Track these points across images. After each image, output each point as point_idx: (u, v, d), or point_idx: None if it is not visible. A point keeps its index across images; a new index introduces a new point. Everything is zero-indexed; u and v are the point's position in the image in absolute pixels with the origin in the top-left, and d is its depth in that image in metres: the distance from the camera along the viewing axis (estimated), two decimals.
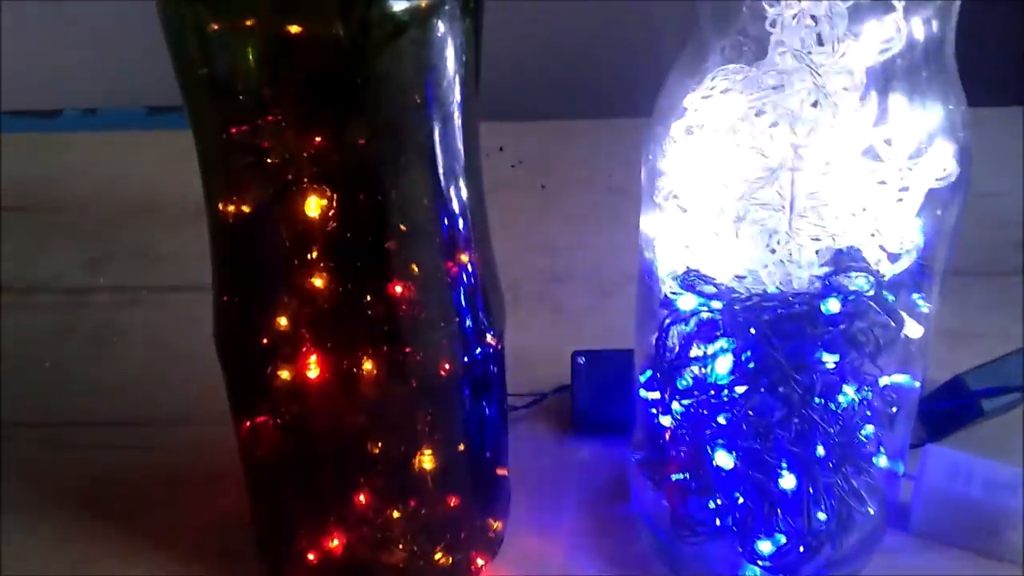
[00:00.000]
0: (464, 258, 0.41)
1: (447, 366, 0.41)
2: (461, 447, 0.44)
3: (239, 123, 0.37)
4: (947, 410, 0.53)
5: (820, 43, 0.36)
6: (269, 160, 0.37)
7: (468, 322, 0.42)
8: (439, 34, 0.35)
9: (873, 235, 0.38)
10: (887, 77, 0.37)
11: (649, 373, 0.45)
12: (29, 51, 0.87)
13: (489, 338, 0.43)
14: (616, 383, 0.55)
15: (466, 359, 0.42)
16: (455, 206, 0.40)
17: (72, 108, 0.90)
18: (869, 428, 0.42)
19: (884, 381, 0.44)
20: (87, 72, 0.88)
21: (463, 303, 0.41)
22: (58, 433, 0.58)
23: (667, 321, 0.43)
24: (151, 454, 0.56)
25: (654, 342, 0.44)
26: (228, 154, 0.38)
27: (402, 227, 0.38)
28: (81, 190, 0.80)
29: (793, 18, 0.36)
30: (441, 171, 0.39)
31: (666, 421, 0.45)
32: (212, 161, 0.39)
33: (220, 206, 0.39)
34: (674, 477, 0.46)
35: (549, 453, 0.55)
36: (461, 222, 0.40)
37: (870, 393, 0.43)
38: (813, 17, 0.36)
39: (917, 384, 0.44)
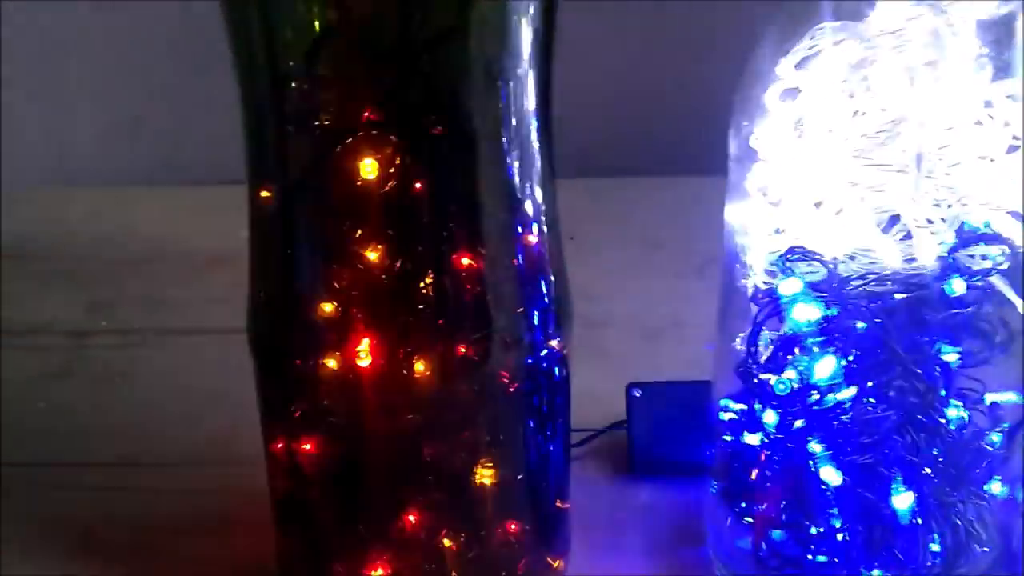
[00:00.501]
0: (533, 241, 0.36)
1: (511, 362, 0.36)
2: (521, 465, 0.38)
3: (292, 82, 0.33)
4: None
5: None
6: (321, 122, 0.33)
7: (535, 317, 0.37)
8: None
9: (1002, 205, 0.34)
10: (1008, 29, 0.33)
11: (735, 393, 0.40)
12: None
13: (556, 343, 0.39)
14: (678, 418, 0.50)
15: (531, 359, 0.37)
16: (526, 184, 0.36)
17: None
18: (996, 436, 0.37)
19: (991, 397, 0.39)
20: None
21: (531, 294, 0.37)
22: (60, 474, 0.52)
23: (759, 317, 0.38)
24: (157, 496, 0.50)
25: (742, 344, 0.39)
26: (278, 117, 0.34)
27: (469, 195, 0.34)
28: (84, 241, 0.76)
29: None
30: (512, 145, 0.35)
31: (753, 440, 0.40)
32: (260, 128, 0.35)
33: (263, 186, 0.35)
34: (761, 508, 0.41)
35: (607, 496, 0.50)
36: (531, 203, 0.36)
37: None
38: None
39: None
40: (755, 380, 0.38)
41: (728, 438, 0.42)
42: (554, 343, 0.39)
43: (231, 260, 0.39)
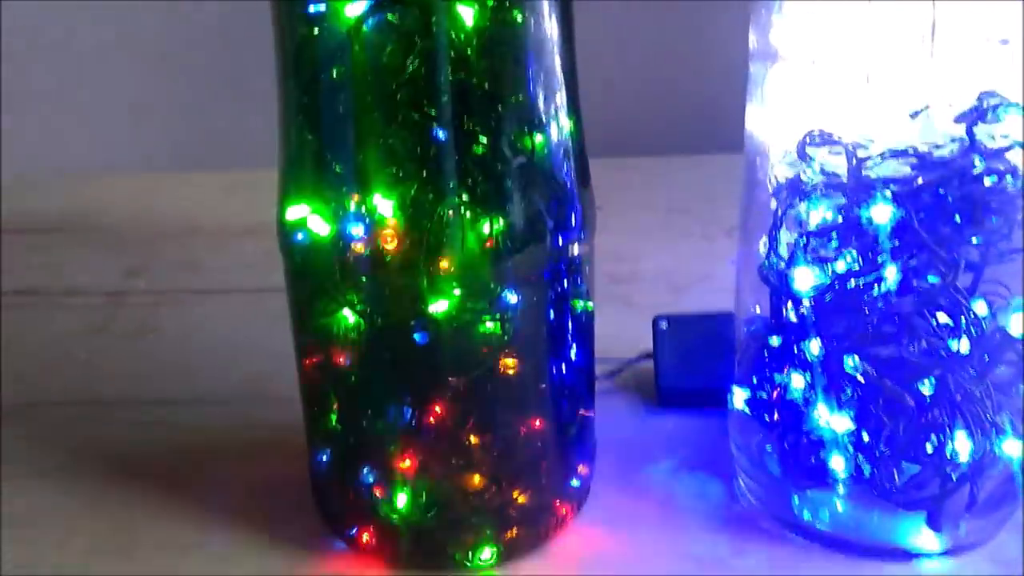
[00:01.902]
0: (561, 126, 0.37)
1: (536, 248, 0.37)
2: (546, 358, 0.39)
3: None
4: None
5: None
6: None
7: (560, 206, 0.38)
8: None
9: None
10: None
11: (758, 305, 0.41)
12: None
13: (580, 240, 0.39)
14: (703, 349, 0.51)
15: (552, 253, 0.37)
16: (552, 77, 0.36)
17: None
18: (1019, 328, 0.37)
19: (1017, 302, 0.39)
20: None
21: (556, 184, 0.37)
22: (96, 411, 0.53)
23: (780, 210, 0.38)
24: (193, 429, 0.51)
25: (764, 247, 0.40)
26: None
27: (494, 84, 0.35)
28: (121, 218, 0.78)
29: None
30: (535, 38, 0.36)
31: (776, 341, 0.41)
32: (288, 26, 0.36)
33: (292, 79, 0.36)
34: (787, 412, 0.41)
35: (633, 424, 0.50)
36: (557, 94, 0.37)
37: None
38: None
39: None
40: (776, 276, 0.38)
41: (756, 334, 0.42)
42: (577, 243, 0.39)
43: (263, 232, 0.41)
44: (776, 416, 0.41)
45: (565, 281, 0.39)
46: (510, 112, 0.36)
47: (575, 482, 0.42)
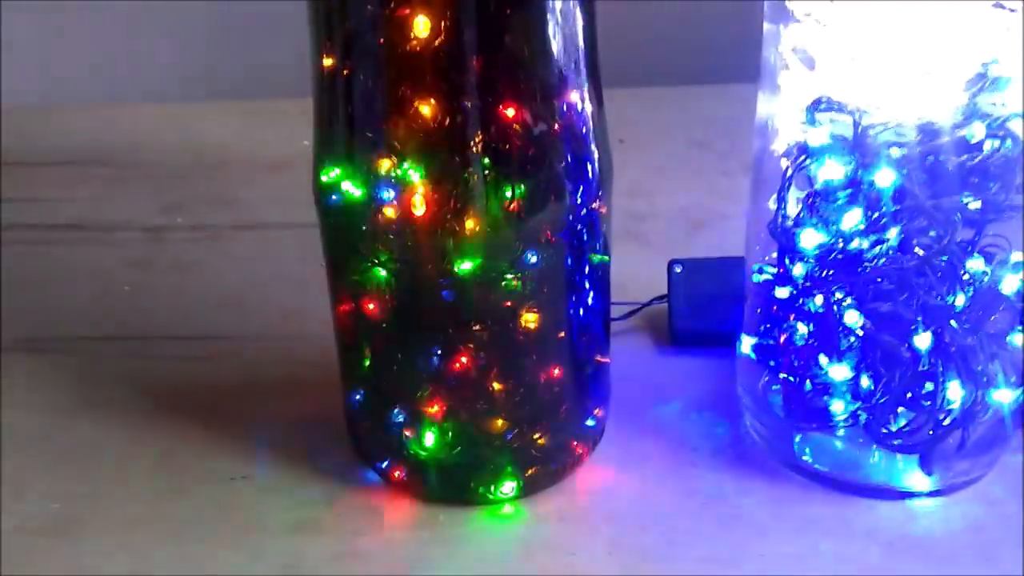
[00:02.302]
0: (577, 102, 0.39)
1: (553, 215, 0.39)
2: (564, 313, 0.42)
3: None
4: None
5: None
6: None
7: (578, 173, 0.40)
8: None
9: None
10: None
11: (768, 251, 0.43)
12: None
13: (597, 202, 0.41)
14: (716, 293, 0.53)
15: (572, 215, 0.40)
16: (570, 45, 0.38)
17: None
18: (1012, 284, 0.39)
19: (1016, 257, 0.41)
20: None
21: (574, 152, 0.39)
22: (139, 346, 0.56)
23: (789, 171, 0.40)
24: (231, 364, 0.54)
25: (773, 204, 0.42)
26: None
27: (518, 56, 0.37)
28: (154, 151, 0.80)
29: None
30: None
31: (783, 293, 0.43)
32: None
33: (325, 54, 0.38)
34: (792, 360, 0.43)
35: (648, 365, 0.53)
36: (574, 61, 0.38)
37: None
38: None
39: None
40: (784, 234, 0.40)
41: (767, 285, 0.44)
42: (595, 204, 0.41)
43: (294, 164, 0.42)
44: (781, 362, 0.44)
45: (583, 237, 0.41)
46: (533, 80, 0.37)
47: (591, 422, 0.45)
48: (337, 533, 0.43)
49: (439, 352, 0.41)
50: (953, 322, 0.40)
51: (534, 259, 0.39)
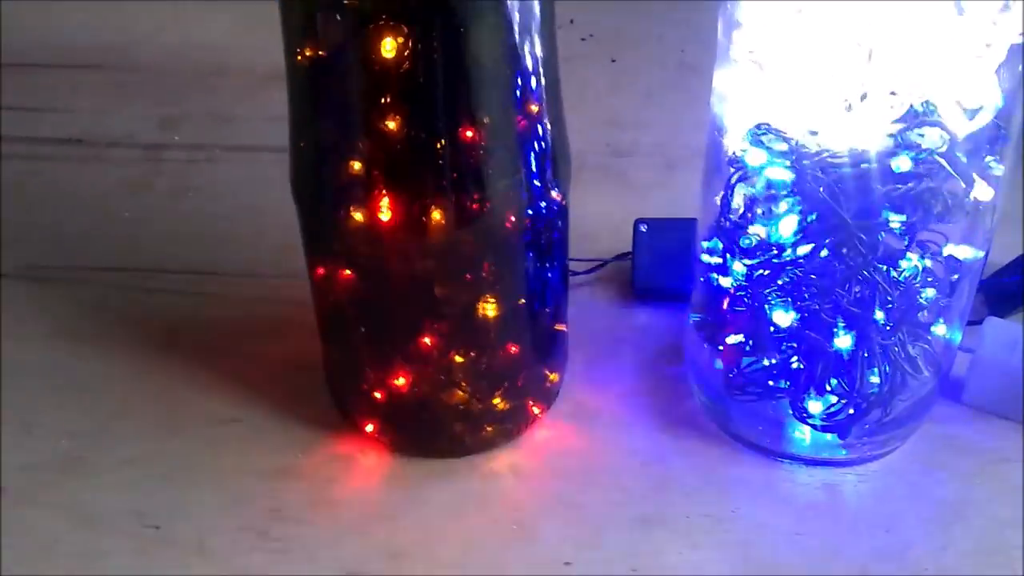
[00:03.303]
0: (534, 109, 0.41)
1: (512, 216, 0.42)
2: (522, 299, 0.45)
3: None
4: (1011, 288, 0.52)
5: None
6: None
7: (535, 173, 0.42)
8: None
9: (950, 91, 0.37)
10: None
11: (713, 239, 0.46)
12: None
13: (554, 193, 0.44)
14: (678, 252, 0.56)
15: (531, 211, 0.42)
16: (528, 57, 0.40)
17: None
18: (930, 292, 0.42)
19: (948, 250, 0.44)
20: None
21: (531, 154, 0.42)
22: (137, 278, 0.60)
23: (734, 179, 0.43)
24: (226, 301, 0.58)
25: (719, 201, 0.45)
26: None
27: (475, 71, 0.39)
28: (152, 53, 0.82)
29: None
30: (516, 21, 0.39)
31: (726, 282, 0.46)
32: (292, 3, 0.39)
33: (298, 50, 0.40)
34: (730, 340, 0.47)
35: (608, 318, 0.56)
36: (533, 75, 0.40)
37: (930, 262, 0.43)
38: None
39: (981, 253, 0.44)
40: (724, 236, 0.43)
41: (712, 273, 0.48)
42: (553, 193, 0.44)
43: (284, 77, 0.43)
44: (720, 340, 0.48)
45: (541, 233, 0.44)
46: (494, 91, 0.40)
47: (547, 385, 0.50)
48: (314, 479, 0.48)
49: (403, 330, 0.45)
50: (879, 312, 0.43)
51: (493, 259, 0.43)
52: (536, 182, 0.43)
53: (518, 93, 0.40)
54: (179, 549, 0.45)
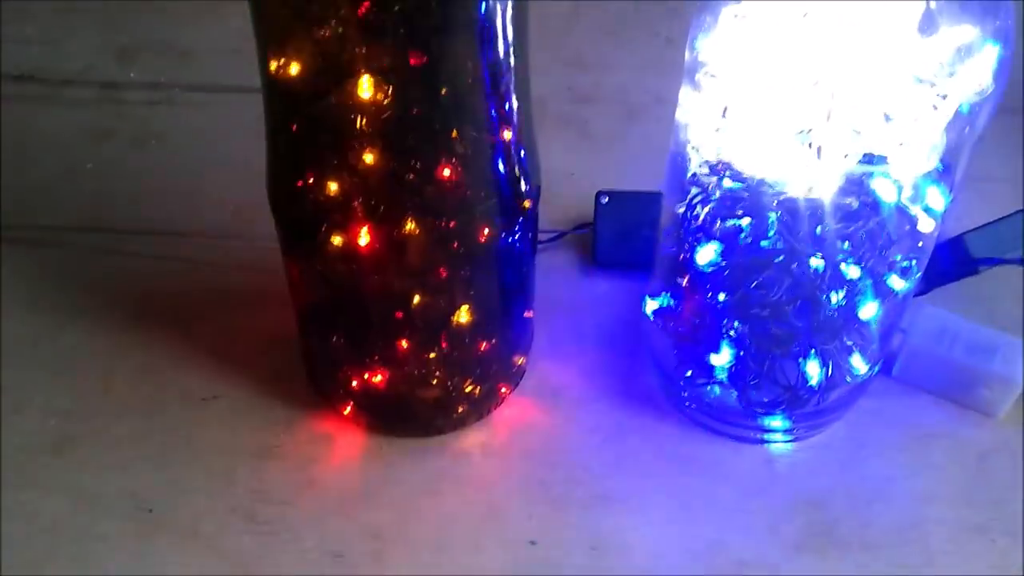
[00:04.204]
0: (508, 135, 0.42)
1: (488, 232, 0.44)
2: (495, 301, 0.48)
3: None
4: (944, 268, 0.56)
5: None
6: (321, 31, 0.38)
7: (508, 192, 0.44)
8: None
9: (902, 143, 0.39)
10: None
11: (672, 242, 0.48)
12: None
13: (526, 203, 0.46)
14: (639, 224, 0.59)
15: (505, 226, 0.44)
16: (503, 85, 0.41)
17: None
18: (872, 310, 0.46)
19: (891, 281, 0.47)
20: None
21: (505, 176, 0.43)
22: (107, 240, 0.61)
23: (696, 200, 0.45)
24: (200, 267, 0.60)
25: (680, 212, 0.47)
26: (283, 23, 0.39)
27: (449, 102, 0.40)
28: None
29: None
30: (488, 47, 0.40)
31: (682, 281, 0.49)
32: (268, 28, 0.39)
33: (273, 71, 0.40)
34: (685, 333, 0.50)
35: (570, 289, 0.59)
36: (507, 100, 0.41)
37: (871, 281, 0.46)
38: None
39: (918, 275, 0.47)
40: (683, 244, 0.46)
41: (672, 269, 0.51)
42: (525, 203, 0.46)
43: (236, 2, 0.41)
44: (676, 328, 0.51)
45: (512, 243, 0.46)
46: (466, 125, 0.41)
47: (515, 368, 0.53)
48: (296, 459, 0.51)
49: (380, 333, 0.47)
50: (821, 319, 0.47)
51: (471, 268, 0.45)
52: (508, 201, 0.44)
53: (494, 121, 0.42)
54: (174, 533, 0.49)
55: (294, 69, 0.39)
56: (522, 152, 0.44)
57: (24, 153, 0.66)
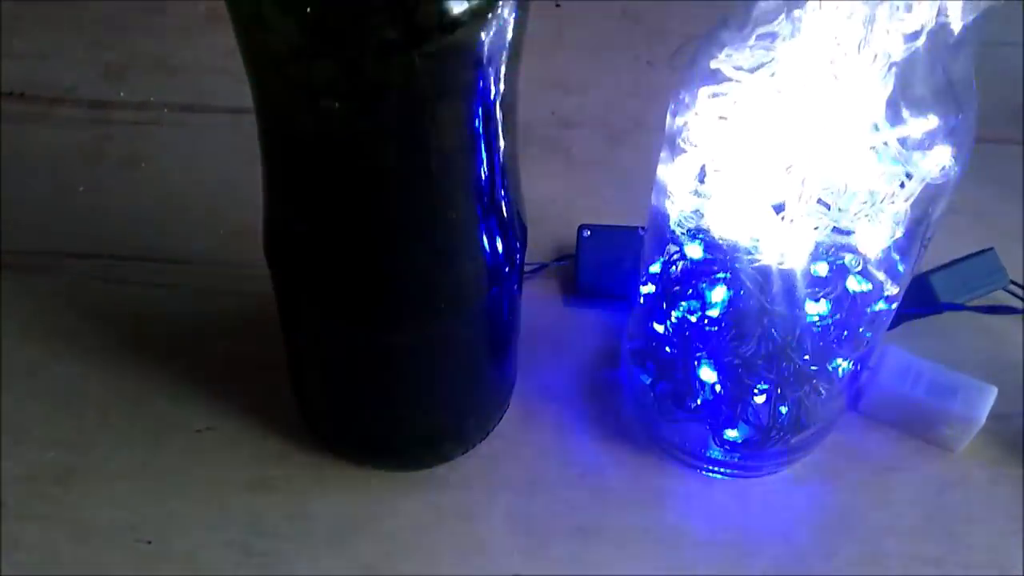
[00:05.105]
0: (502, 206, 0.44)
1: (476, 291, 0.46)
2: (485, 351, 0.50)
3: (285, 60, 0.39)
4: (909, 307, 0.58)
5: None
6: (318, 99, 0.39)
7: (497, 259, 0.45)
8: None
9: (868, 216, 0.42)
10: (905, 79, 0.39)
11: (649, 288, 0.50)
12: None
13: (516, 257, 0.47)
14: (616, 258, 0.61)
15: (494, 283, 0.46)
16: (492, 158, 0.42)
17: None
18: (843, 365, 0.48)
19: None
20: None
21: (494, 236, 0.45)
22: (98, 268, 0.62)
23: (675, 257, 0.47)
24: (188, 294, 0.61)
25: (659, 268, 0.49)
26: (277, 87, 0.40)
27: (439, 177, 0.41)
28: None
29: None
30: (481, 123, 0.41)
31: (659, 328, 0.51)
32: (263, 90, 0.41)
33: (271, 126, 0.42)
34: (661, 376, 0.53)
35: (551, 317, 0.61)
36: (498, 173, 0.43)
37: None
38: None
39: (887, 330, 0.49)
40: (662, 296, 0.48)
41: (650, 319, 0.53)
42: (515, 257, 0.47)
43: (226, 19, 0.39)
44: (651, 370, 0.54)
45: (501, 294, 0.48)
46: (456, 181, 0.42)
47: (499, 403, 0.55)
48: (288, 492, 0.54)
49: (374, 390, 0.49)
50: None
51: (462, 326, 0.47)
52: (499, 263, 0.46)
53: (484, 186, 0.43)
54: (173, 566, 0.51)
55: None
56: (513, 208, 0.46)
57: (15, 175, 0.67)
